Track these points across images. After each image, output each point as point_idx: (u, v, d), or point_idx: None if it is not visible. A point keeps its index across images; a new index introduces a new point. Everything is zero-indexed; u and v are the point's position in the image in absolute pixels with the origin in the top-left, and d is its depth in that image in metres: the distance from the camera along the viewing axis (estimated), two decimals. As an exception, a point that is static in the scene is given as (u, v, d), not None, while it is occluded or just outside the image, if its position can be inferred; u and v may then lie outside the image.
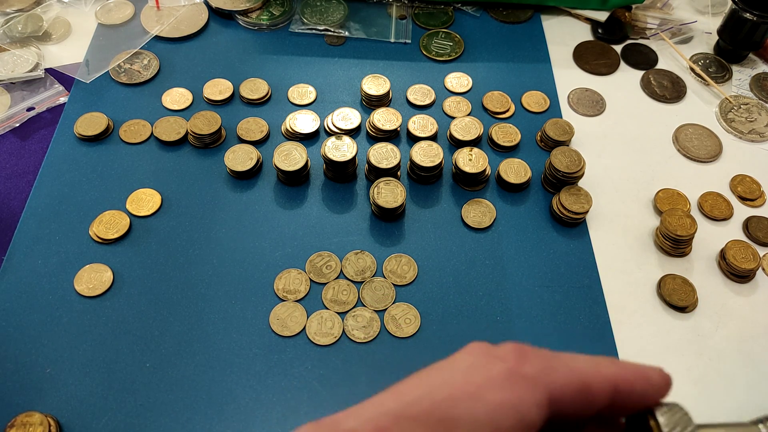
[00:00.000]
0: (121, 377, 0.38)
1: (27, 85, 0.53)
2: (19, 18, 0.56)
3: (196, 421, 0.37)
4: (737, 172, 0.51)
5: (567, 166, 0.47)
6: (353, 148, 0.46)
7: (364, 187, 0.48)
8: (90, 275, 0.42)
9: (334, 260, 0.44)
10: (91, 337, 0.40)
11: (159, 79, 0.54)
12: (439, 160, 0.47)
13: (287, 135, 0.51)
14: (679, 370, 0.41)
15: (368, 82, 0.53)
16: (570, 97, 0.56)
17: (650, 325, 0.43)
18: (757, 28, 0.55)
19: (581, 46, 0.60)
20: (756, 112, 0.55)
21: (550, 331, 0.42)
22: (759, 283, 0.45)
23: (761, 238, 0.47)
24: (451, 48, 0.58)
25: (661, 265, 0.46)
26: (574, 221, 0.46)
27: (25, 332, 0.40)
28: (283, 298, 0.42)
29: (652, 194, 0.49)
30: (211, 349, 0.40)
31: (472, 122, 0.51)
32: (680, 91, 0.57)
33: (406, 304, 0.42)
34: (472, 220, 0.46)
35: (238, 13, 0.59)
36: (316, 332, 0.41)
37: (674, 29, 0.62)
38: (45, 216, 0.45)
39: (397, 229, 0.46)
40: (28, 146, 0.49)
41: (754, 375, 0.41)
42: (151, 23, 0.58)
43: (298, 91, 0.54)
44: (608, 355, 0.41)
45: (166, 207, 0.46)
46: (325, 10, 0.60)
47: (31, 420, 0.35)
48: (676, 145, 0.53)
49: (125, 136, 0.50)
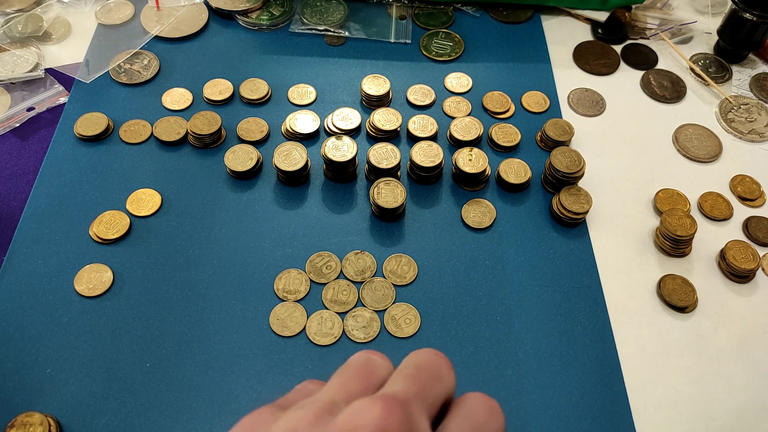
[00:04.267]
0: (121, 377, 0.38)
1: (27, 85, 0.53)
2: (19, 18, 0.56)
3: (196, 421, 0.37)
4: (737, 172, 0.51)
5: (567, 166, 0.47)
6: (353, 148, 0.46)
7: (364, 187, 0.48)
8: (90, 275, 0.42)
9: (334, 260, 0.44)
10: (91, 337, 0.40)
11: (159, 79, 0.54)
12: (439, 160, 0.47)
13: (287, 135, 0.51)
14: (679, 370, 0.41)
15: (368, 82, 0.53)
16: (570, 97, 0.56)
17: (650, 325, 0.43)
18: (757, 28, 0.55)
19: (581, 46, 0.60)
20: (756, 112, 0.55)
21: (550, 331, 0.42)
22: (759, 283, 0.45)
23: (761, 238, 0.47)
24: (451, 48, 0.58)
25: (661, 265, 0.46)
26: (574, 221, 0.46)
27: (25, 332, 0.40)
28: (283, 298, 0.42)
29: (652, 194, 0.49)
30: (211, 349, 0.40)
31: (472, 122, 0.51)
32: (680, 91, 0.57)
33: (406, 304, 0.42)
34: (472, 220, 0.46)
35: (238, 13, 0.59)
36: (316, 332, 0.41)
37: (674, 29, 0.62)
38: (45, 216, 0.45)
39: (397, 229, 0.46)
40: (28, 146, 0.49)
41: (754, 375, 0.41)
42: (151, 23, 0.58)
43: (298, 91, 0.54)
44: (608, 355, 0.41)
45: (166, 207, 0.46)
46: (325, 10, 0.60)
47: (31, 420, 0.35)
48: (676, 145, 0.53)
49: (125, 136, 0.50)
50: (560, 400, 0.39)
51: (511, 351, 0.41)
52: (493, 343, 0.41)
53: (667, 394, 0.40)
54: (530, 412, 0.38)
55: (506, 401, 0.39)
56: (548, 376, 0.40)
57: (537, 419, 0.38)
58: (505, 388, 0.39)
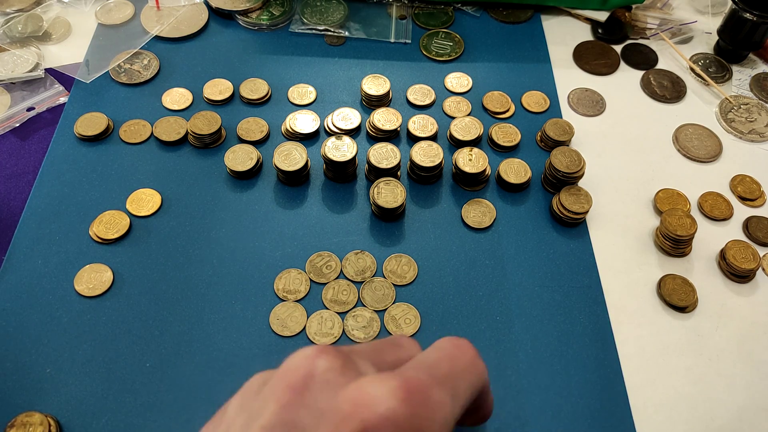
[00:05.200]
0: (121, 377, 0.38)
1: (27, 85, 0.53)
2: (19, 18, 0.56)
3: (196, 421, 0.37)
4: (737, 172, 0.51)
5: (567, 166, 0.47)
6: (353, 148, 0.46)
7: (364, 187, 0.48)
8: (90, 275, 0.42)
9: (334, 260, 0.44)
10: (91, 337, 0.40)
11: (159, 79, 0.54)
12: (439, 160, 0.47)
13: (287, 135, 0.51)
14: (679, 370, 0.41)
15: (368, 82, 0.53)
16: (570, 97, 0.56)
17: (650, 325, 0.43)
18: (757, 28, 0.55)
19: (581, 46, 0.60)
20: (756, 112, 0.55)
21: (550, 331, 0.42)
22: (759, 283, 0.45)
23: (761, 238, 0.47)
24: (451, 48, 0.58)
25: (661, 265, 0.46)
26: (574, 221, 0.46)
27: (25, 332, 0.40)
28: (283, 298, 0.42)
29: (652, 194, 0.49)
30: (211, 349, 0.40)
31: (472, 122, 0.51)
32: (680, 91, 0.57)
33: (406, 304, 0.42)
34: (472, 220, 0.46)
35: (238, 13, 0.59)
36: (316, 332, 0.41)
37: (674, 29, 0.62)
38: (45, 216, 0.45)
39: (397, 229, 0.46)
40: (28, 146, 0.49)
41: (754, 375, 0.41)
42: (151, 23, 0.58)
43: (298, 91, 0.54)
44: (608, 355, 0.41)
45: (166, 207, 0.46)
46: (325, 10, 0.60)
47: (31, 420, 0.35)
48: (676, 145, 0.53)
49: (125, 136, 0.50)
50: (560, 400, 0.39)
51: (511, 351, 0.41)
52: (492, 343, 0.41)
53: (667, 394, 0.40)
54: (530, 412, 0.38)
55: (506, 401, 0.39)
56: (548, 376, 0.40)
57: (537, 419, 0.38)
58: (504, 388, 0.39)
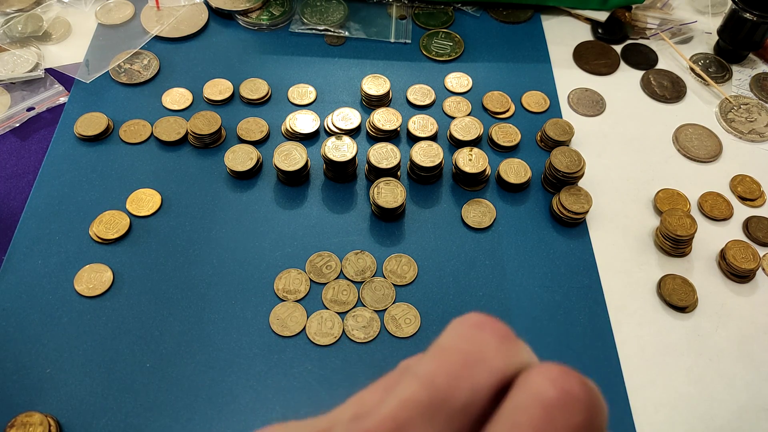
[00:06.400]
0: (121, 377, 0.38)
1: (27, 85, 0.53)
2: (19, 18, 0.56)
3: (196, 421, 0.37)
4: (737, 172, 0.51)
5: (567, 166, 0.47)
6: (353, 148, 0.46)
7: (364, 187, 0.48)
8: (90, 275, 0.42)
9: (334, 260, 0.44)
10: (91, 337, 0.40)
11: (159, 79, 0.54)
12: (439, 160, 0.47)
13: (287, 135, 0.51)
14: (679, 370, 0.41)
15: (368, 82, 0.53)
16: (570, 97, 0.56)
17: (650, 325, 0.43)
18: (757, 28, 0.55)
19: (581, 46, 0.60)
20: (756, 112, 0.55)
21: (550, 331, 0.42)
22: (759, 283, 0.45)
23: (761, 238, 0.47)
24: (451, 48, 0.58)
25: (661, 265, 0.46)
26: (574, 221, 0.46)
27: (25, 332, 0.40)
28: (283, 298, 0.42)
29: (652, 194, 0.49)
30: (211, 349, 0.40)
31: (472, 122, 0.51)
32: (680, 91, 0.57)
33: (406, 304, 0.42)
34: (472, 220, 0.46)
35: (238, 13, 0.59)
36: (316, 332, 0.41)
37: (674, 29, 0.62)
38: (45, 216, 0.45)
39: (397, 229, 0.46)
40: (28, 146, 0.49)
41: (754, 375, 0.41)
42: (151, 23, 0.58)
43: (298, 91, 0.54)
44: (608, 356, 0.41)
45: (166, 207, 0.46)
46: (325, 10, 0.60)
47: (31, 420, 0.35)
48: (676, 145, 0.53)
49: (125, 136, 0.50)
50: (560, 400, 0.39)
51: (511, 351, 0.41)
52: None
53: (667, 394, 0.40)
54: (530, 412, 0.38)
55: (506, 401, 0.39)
56: (548, 376, 0.40)
57: (537, 419, 0.38)
58: (505, 388, 0.39)
